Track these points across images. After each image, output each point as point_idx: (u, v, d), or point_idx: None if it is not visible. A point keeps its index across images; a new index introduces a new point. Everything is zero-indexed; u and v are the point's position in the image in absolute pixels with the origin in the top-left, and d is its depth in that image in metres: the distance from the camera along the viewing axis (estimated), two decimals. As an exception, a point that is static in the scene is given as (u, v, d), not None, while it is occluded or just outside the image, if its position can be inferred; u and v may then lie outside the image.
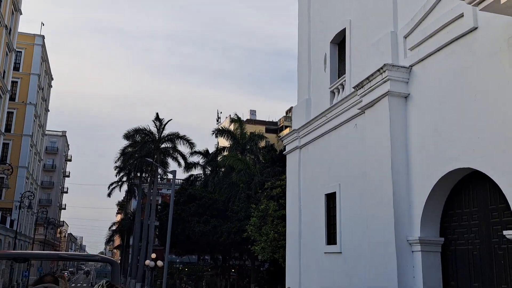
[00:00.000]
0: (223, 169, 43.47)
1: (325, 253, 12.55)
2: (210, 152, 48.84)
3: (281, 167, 34.89)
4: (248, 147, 41.88)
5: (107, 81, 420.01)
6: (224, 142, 52.08)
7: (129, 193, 57.99)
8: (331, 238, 12.43)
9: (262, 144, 45.43)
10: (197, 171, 48.56)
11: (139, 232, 42.32)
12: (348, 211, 11.64)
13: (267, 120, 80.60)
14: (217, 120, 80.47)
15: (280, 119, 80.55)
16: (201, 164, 47.46)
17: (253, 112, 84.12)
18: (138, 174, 46.99)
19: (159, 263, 28.51)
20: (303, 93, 15.37)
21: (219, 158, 46.74)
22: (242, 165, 35.09)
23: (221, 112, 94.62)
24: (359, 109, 11.09)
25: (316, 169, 13.64)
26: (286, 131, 66.72)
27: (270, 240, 22.26)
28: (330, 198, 12.65)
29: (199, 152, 46.87)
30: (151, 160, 30.24)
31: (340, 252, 11.71)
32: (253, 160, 39.44)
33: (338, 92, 13.13)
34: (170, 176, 48.95)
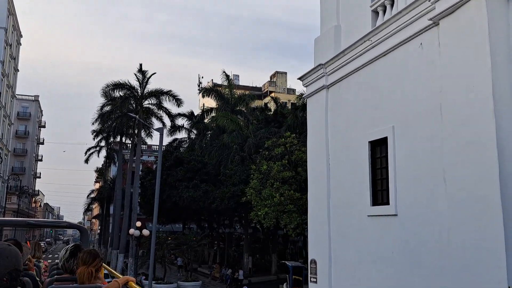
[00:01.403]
0: (210, 132, 40.43)
1: (368, 216, 9.78)
2: (195, 114, 45.60)
3: (277, 127, 32.03)
4: (238, 108, 38.70)
5: (81, 49, 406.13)
6: (210, 103, 48.70)
7: (108, 159, 54.54)
8: (379, 197, 9.64)
9: (252, 105, 42.23)
10: (181, 135, 45.42)
11: (120, 200, 39.17)
12: (406, 161, 8.80)
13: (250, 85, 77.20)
14: (199, 85, 76.80)
15: (264, 84, 77.26)
16: (186, 127, 44.28)
17: (236, 77, 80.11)
18: (118, 138, 43.43)
19: (145, 232, 25.62)
20: (329, 20, 12.25)
21: (206, 120, 43.54)
22: (234, 126, 32.02)
23: (202, 77, 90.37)
24: (430, 19, 8.09)
25: (353, 111, 10.70)
26: (272, 95, 63.44)
27: (275, 204, 19.51)
28: (377, 146, 9.78)
29: (183, 115, 43.57)
30: (135, 115, 26.74)
31: (396, 215, 8.93)
32: (245, 122, 36.38)
33: (384, 10, 10.10)
34: (153, 141, 45.77)
